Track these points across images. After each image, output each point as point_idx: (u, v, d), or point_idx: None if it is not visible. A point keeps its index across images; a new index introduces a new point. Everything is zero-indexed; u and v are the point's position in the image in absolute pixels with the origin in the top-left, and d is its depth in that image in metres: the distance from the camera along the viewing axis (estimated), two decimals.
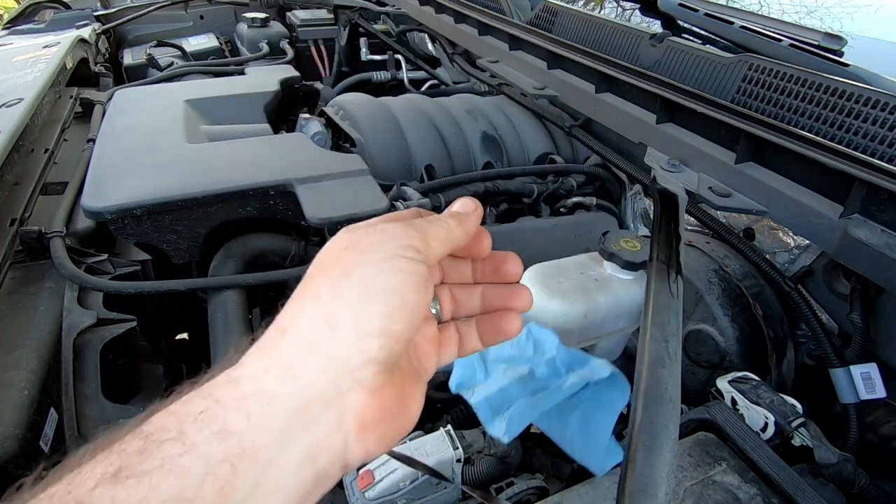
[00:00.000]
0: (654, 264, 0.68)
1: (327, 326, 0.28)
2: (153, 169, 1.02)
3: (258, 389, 0.26)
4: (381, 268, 0.29)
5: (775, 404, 0.71)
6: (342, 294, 0.29)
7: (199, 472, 0.24)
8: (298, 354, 0.27)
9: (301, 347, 0.28)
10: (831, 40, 1.01)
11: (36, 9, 2.15)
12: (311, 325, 0.28)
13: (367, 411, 0.28)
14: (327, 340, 0.28)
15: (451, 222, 0.35)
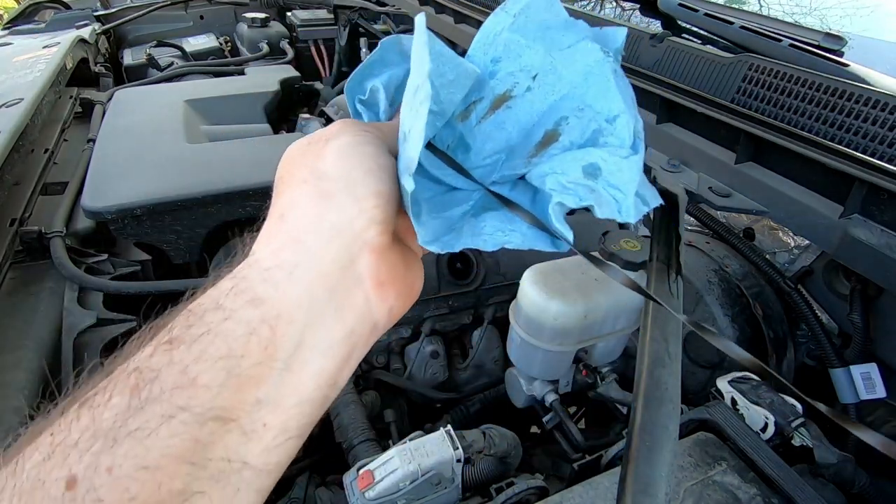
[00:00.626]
0: (654, 264, 0.68)
1: (323, 198, 0.29)
2: (153, 169, 1.02)
3: (278, 262, 0.28)
4: (349, 144, 0.31)
5: (775, 404, 0.71)
6: (325, 171, 0.30)
7: (242, 332, 0.26)
8: (304, 228, 0.29)
9: (304, 222, 0.29)
10: (831, 40, 1.01)
11: (36, 9, 2.15)
12: (307, 202, 0.30)
13: (379, 270, 0.30)
14: (327, 211, 0.29)
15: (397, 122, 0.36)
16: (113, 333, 0.85)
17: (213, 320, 0.26)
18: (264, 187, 0.99)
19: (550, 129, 0.32)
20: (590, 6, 2.02)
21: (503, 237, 0.31)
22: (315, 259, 0.29)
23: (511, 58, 0.33)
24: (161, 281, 0.95)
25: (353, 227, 0.29)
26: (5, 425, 0.67)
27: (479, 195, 0.33)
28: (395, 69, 0.36)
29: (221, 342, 0.26)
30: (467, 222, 0.32)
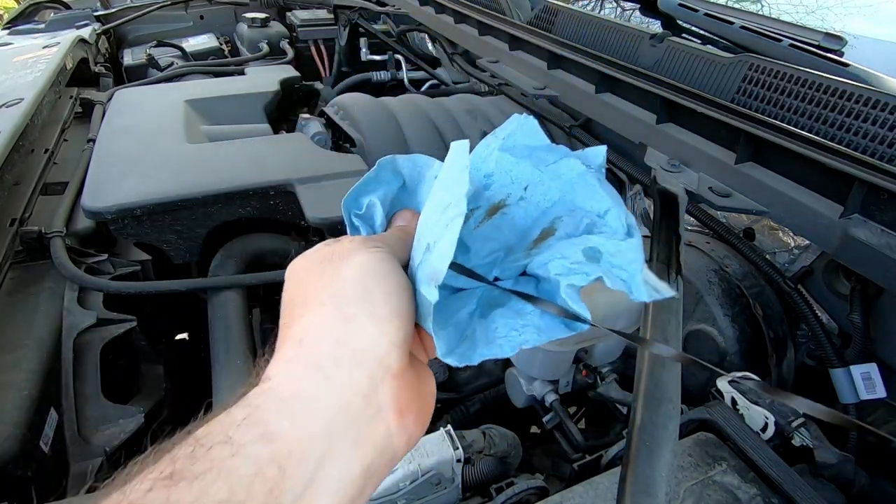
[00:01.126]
0: (654, 264, 0.68)
1: (344, 321, 0.28)
2: (153, 169, 1.02)
3: (295, 393, 0.27)
4: (366, 262, 0.30)
5: (775, 404, 0.71)
6: (344, 293, 0.29)
7: (247, 473, 0.24)
8: (326, 354, 0.28)
9: (325, 348, 0.28)
10: (831, 40, 1.01)
11: (36, 9, 2.15)
12: (327, 326, 0.29)
13: (399, 395, 0.29)
14: (349, 335, 0.28)
15: (399, 233, 0.36)
16: (113, 333, 0.85)
17: (220, 456, 0.24)
18: (264, 187, 0.99)
19: (546, 227, 0.34)
20: (590, 6, 2.02)
21: (518, 337, 0.31)
22: (336, 389, 0.27)
23: (502, 173, 0.36)
24: (161, 281, 0.95)
25: (376, 352, 0.28)
26: (5, 425, 0.67)
27: (481, 291, 0.34)
28: (389, 186, 0.39)
29: (223, 483, 0.24)
30: (478, 325, 0.32)
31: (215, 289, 0.94)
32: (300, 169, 1.03)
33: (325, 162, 1.07)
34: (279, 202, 1.02)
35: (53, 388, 0.75)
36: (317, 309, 0.29)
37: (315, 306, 0.29)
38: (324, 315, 0.29)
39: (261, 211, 1.03)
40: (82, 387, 0.78)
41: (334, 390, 0.27)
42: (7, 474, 0.64)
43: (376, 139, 1.19)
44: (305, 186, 0.99)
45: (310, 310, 0.30)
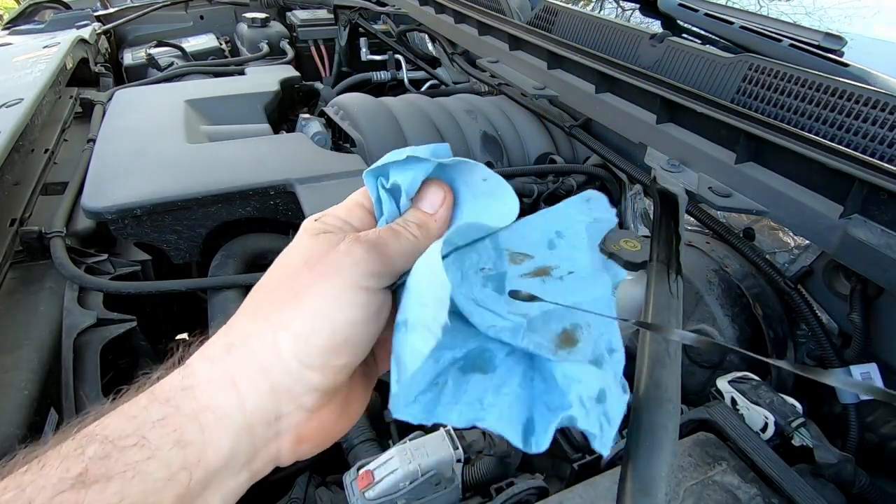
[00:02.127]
0: (654, 264, 0.68)
1: (273, 351, 0.28)
2: (153, 169, 1.02)
3: (210, 404, 0.27)
4: (335, 299, 0.29)
5: (775, 404, 0.71)
6: (291, 322, 0.29)
7: (161, 477, 0.25)
8: (245, 375, 0.28)
9: (247, 367, 0.28)
10: (831, 40, 1.01)
11: (36, 9, 2.15)
12: (257, 347, 0.29)
13: (304, 429, 0.30)
14: (272, 367, 0.28)
15: (418, 235, 0.33)
16: (113, 333, 0.85)
17: (134, 459, 0.25)
18: (264, 187, 0.99)
19: (568, 329, 0.33)
20: (590, 6, 2.02)
21: (479, 412, 0.29)
22: (245, 413, 0.28)
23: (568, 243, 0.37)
24: (161, 281, 0.95)
25: (292, 391, 0.29)
26: (5, 425, 0.67)
27: (475, 345, 0.32)
28: (425, 172, 0.36)
29: (138, 485, 0.24)
30: (452, 376, 0.30)
31: (215, 289, 0.94)
32: (300, 169, 1.03)
33: (325, 162, 1.07)
34: (279, 202, 1.02)
35: (53, 388, 0.75)
36: (261, 323, 0.29)
37: (261, 320, 0.29)
38: (261, 335, 0.29)
39: (261, 211, 1.03)
40: (82, 387, 0.78)
41: (245, 412, 0.28)
42: None
43: (376, 139, 1.19)
44: (305, 186, 0.99)
45: (256, 319, 0.30)
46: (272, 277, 0.31)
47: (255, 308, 0.30)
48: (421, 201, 0.35)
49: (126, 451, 0.25)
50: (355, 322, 0.29)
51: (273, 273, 0.31)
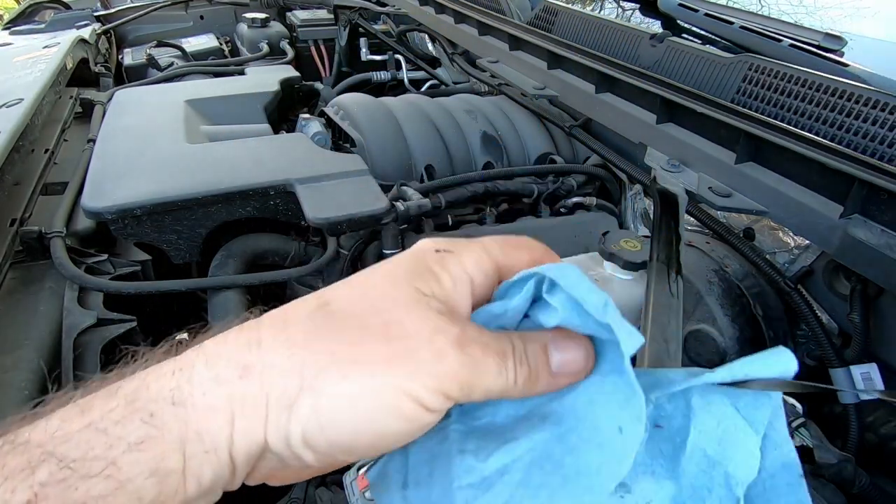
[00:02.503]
0: (654, 264, 0.68)
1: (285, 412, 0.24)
2: (153, 169, 1.02)
3: (201, 433, 0.23)
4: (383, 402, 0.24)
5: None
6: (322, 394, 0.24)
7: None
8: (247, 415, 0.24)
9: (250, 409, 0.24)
10: (831, 40, 1.01)
11: (36, 9, 2.15)
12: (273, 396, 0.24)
13: (280, 474, 0.28)
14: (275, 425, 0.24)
15: (520, 384, 0.26)
16: (113, 333, 0.85)
17: (100, 491, 0.20)
18: (264, 187, 0.99)
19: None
20: (590, 7, 2.02)
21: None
22: (231, 447, 0.24)
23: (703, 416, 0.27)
24: (161, 281, 0.95)
25: (282, 454, 0.25)
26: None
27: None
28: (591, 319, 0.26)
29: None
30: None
31: (215, 289, 0.94)
32: (300, 169, 1.03)
33: (325, 162, 1.07)
34: (279, 202, 1.02)
35: (53, 389, 0.75)
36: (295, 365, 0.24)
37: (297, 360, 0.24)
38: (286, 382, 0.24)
39: (261, 211, 1.03)
40: None
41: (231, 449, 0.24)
42: None
43: (376, 139, 1.19)
44: (305, 186, 0.99)
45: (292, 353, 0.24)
46: (351, 302, 0.25)
47: (304, 334, 0.25)
48: (556, 347, 0.27)
49: (89, 480, 0.20)
50: (386, 435, 0.24)
51: (354, 297, 0.26)
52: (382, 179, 1.11)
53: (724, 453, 0.25)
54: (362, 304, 0.25)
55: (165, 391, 0.23)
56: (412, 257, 0.27)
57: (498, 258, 0.28)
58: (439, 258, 0.27)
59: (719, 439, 0.25)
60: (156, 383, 0.24)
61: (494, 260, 0.28)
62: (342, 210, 0.94)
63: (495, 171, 1.20)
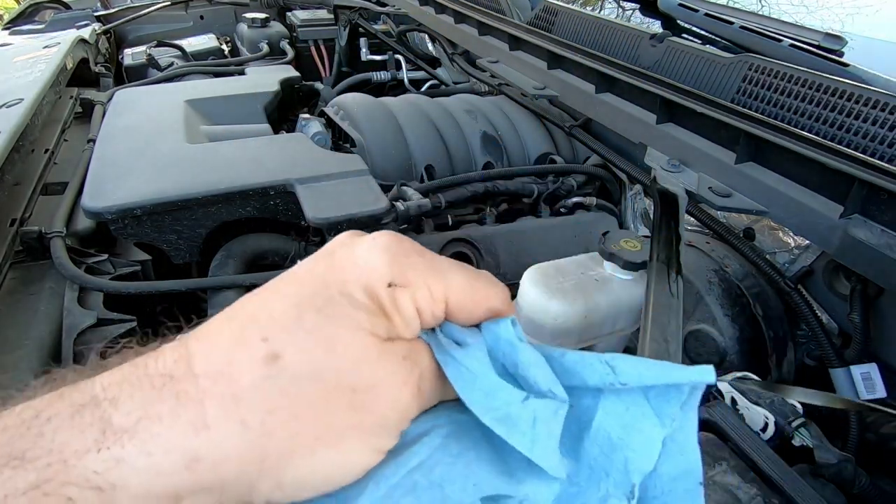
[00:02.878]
0: (654, 264, 0.68)
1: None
2: (153, 169, 1.02)
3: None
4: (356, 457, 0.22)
5: (775, 404, 0.71)
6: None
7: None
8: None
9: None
10: (831, 40, 1.01)
11: (36, 9, 2.15)
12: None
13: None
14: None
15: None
16: (113, 333, 0.85)
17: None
18: (264, 187, 0.99)
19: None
20: (590, 7, 2.02)
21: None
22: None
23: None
24: (161, 281, 0.95)
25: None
26: None
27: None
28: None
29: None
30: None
31: (215, 289, 0.94)
32: (300, 169, 1.03)
33: (325, 162, 1.07)
34: (279, 202, 1.02)
35: None
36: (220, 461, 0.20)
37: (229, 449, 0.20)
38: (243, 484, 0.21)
39: (261, 211, 1.03)
40: None
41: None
42: None
43: (376, 139, 1.19)
44: (305, 186, 0.99)
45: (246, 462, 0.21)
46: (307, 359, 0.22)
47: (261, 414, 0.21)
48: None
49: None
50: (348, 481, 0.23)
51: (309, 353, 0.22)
52: (382, 179, 1.11)
53: (627, 439, 0.25)
54: (322, 363, 0.22)
55: (89, 473, 0.19)
56: (366, 295, 0.23)
57: (452, 303, 0.25)
58: (391, 296, 0.23)
59: (625, 424, 0.25)
60: (77, 462, 0.19)
61: (448, 304, 0.25)
62: (342, 210, 0.94)
63: (495, 171, 1.20)
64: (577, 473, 0.26)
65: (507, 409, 0.23)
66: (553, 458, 0.24)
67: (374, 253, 0.24)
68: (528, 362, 0.25)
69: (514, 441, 0.23)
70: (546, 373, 0.25)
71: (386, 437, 0.23)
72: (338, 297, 0.23)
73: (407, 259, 0.24)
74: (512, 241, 1.12)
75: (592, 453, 0.26)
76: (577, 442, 0.26)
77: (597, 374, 0.25)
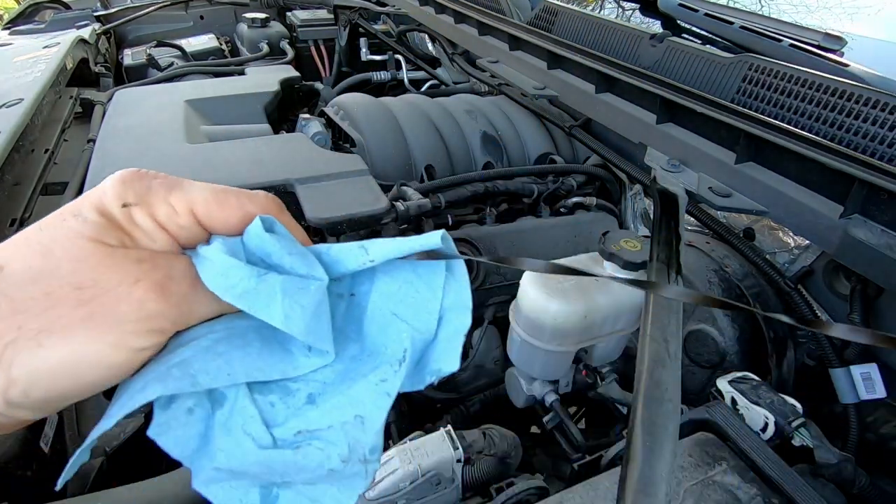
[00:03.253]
0: (654, 264, 0.68)
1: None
2: (153, 169, 1.02)
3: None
4: (94, 355, 0.24)
5: (775, 404, 0.71)
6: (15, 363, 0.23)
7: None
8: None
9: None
10: (831, 40, 1.01)
11: (36, 9, 2.15)
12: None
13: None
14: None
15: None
16: None
17: None
18: (264, 187, 0.99)
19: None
20: (590, 7, 2.02)
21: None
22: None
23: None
24: None
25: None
26: None
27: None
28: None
29: None
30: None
31: None
32: (300, 169, 1.03)
33: (325, 162, 1.07)
34: None
35: None
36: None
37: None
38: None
39: None
40: None
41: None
42: (7, 474, 0.64)
43: (376, 139, 1.19)
44: (305, 186, 0.99)
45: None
46: (31, 266, 0.24)
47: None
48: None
49: None
50: (99, 379, 0.25)
51: (33, 261, 0.24)
52: (382, 179, 1.11)
53: (403, 313, 0.29)
54: (45, 268, 0.24)
55: None
56: (97, 213, 0.26)
57: (201, 214, 0.27)
58: (126, 214, 0.26)
59: (399, 300, 0.29)
60: None
61: (195, 214, 0.27)
62: (342, 210, 0.94)
63: (495, 171, 1.20)
64: (361, 352, 0.29)
65: (245, 284, 0.26)
66: (319, 334, 0.27)
67: (109, 181, 0.27)
68: (280, 252, 0.27)
69: (261, 314, 0.26)
70: (302, 259, 0.27)
71: (131, 334, 0.24)
72: (68, 216, 0.25)
73: (143, 183, 0.27)
74: (512, 241, 1.12)
75: (372, 332, 0.29)
76: (360, 325, 0.29)
77: (353, 258, 0.28)
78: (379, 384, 0.27)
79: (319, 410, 0.27)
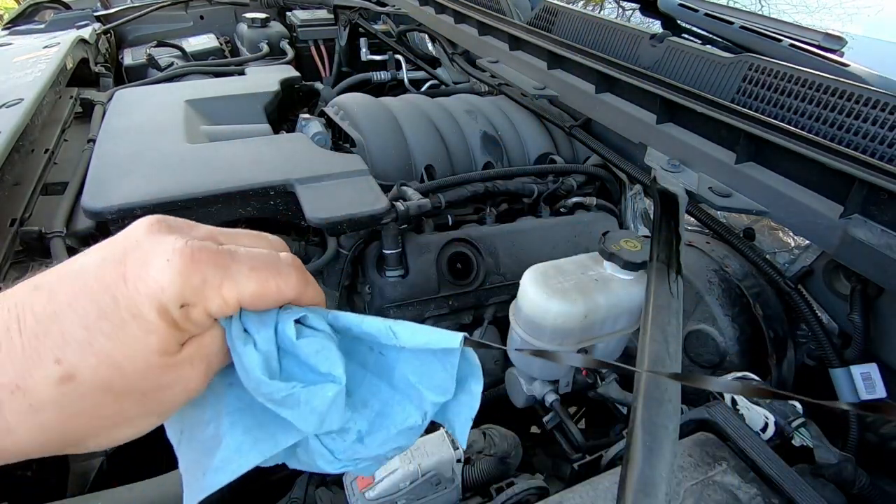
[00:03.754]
0: (654, 264, 0.68)
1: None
2: (153, 169, 1.02)
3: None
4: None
5: (775, 404, 0.71)
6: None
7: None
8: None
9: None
10: (831, 40, 1.01)
11: (36, 9, 2.15)
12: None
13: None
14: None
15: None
16: None
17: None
18: (264, 187, 0.99)
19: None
20: (590, 7, 2.02)
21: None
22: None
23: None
24: None
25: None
26: None
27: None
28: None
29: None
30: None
31: None
32: (300, 169, 1.03)
33: (325, 162, 1.07)
34: (279, 202, 1.02)
35: None
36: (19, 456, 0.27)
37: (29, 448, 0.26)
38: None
39: (261, 211, 1.02)
40: None
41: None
42: (7, 474, 0.64)
43: (376, 139, 1.19)
44: (305, 186, 0.99)
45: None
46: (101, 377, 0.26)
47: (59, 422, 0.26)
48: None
49: None
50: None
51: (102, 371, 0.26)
52: (382, 179, 1.11)
53: (421, 383, 0.35)
54: (114, 381, 0.26)
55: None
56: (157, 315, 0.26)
57: (246, 302, 0.29)
58: (184, 314, 0.27)
59: (419, 373, 0.35)
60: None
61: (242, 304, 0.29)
62: (342, 210, 0.94)
63: (495, 171, 1.20)
64: (392, 397, 0.36)
65: (273, 396, 0.30)
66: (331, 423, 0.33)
67: (166, 274, 0.26)
68: (307, 352, 0.31)
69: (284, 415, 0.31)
70: (326, 358, 0.32)
71: (173, 412, 0.29)
72: (129, 319, 0.26)
73: (199, 276, 0.27)
74: (512, 241, 1.12)
75: (400, 387, 0.36)
76: (390, 381, 0.36)
77: (384, 336, 0.34)
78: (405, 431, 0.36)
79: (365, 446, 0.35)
